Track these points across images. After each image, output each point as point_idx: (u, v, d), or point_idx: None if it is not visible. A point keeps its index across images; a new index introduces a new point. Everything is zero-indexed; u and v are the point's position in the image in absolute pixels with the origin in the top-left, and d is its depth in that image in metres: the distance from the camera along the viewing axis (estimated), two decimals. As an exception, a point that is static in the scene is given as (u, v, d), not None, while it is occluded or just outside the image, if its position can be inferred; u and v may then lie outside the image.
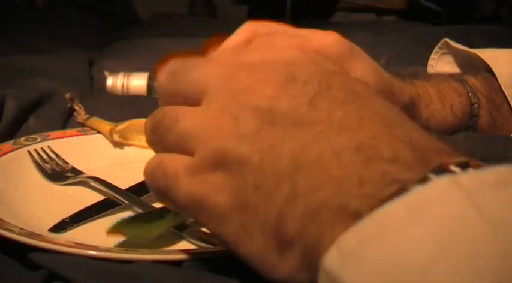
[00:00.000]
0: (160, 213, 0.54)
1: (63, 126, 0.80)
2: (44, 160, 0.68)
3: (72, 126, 0.79)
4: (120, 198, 0.60)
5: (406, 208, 0.31)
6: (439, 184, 0.32)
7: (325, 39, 0.48)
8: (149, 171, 0.44)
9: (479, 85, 0.78)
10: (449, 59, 0.88)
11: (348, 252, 0.31)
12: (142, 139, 0.74)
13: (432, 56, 0.88)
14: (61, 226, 0.55)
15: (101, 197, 0.62)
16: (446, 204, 0.30)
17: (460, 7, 1.39)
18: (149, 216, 0.55)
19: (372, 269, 0.30)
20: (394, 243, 0.30)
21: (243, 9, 1.92)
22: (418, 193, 0.32)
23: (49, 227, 0.55)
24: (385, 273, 0.30)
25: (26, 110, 0.80)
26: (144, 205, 0.59)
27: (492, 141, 0.74)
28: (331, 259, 0.32)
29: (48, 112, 0.81)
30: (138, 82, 0.91)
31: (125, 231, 0.51)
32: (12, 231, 0.51)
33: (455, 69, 0.87)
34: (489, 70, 0.79)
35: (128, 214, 0.59)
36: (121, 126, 0.73)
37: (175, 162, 0.41)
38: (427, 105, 0.72)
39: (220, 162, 0.39)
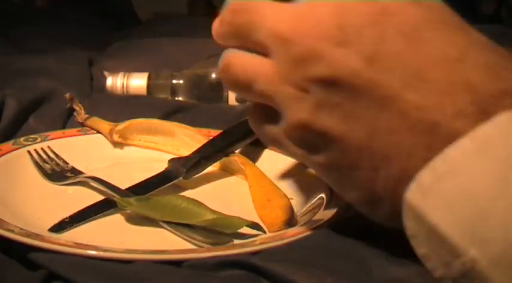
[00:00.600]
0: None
1: (63, 126, 0.80)
2: (44, 160, 0.68)
3: (72, 126, 0.79)
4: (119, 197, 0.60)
5: (473, 142, 0.36)
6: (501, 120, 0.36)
7: None
8: (225, 65, 0.47)
9: None
10: None
11: (426, 187, 0.37)
12: (142, 139, 0.74)
13: None
14: (61, 226, 0.56)
15: (100, 197, 0.62)
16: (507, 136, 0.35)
17: (460, 7, 1.39)
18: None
19: (447, 202, 0.36)
20: (464, 176, 0.35)
21: (243, 9, 1.91)
22: (482, 128, 0.36)
23: (49, 227, 0.55)
24: (459, 204, 0.35)
25: (26, 110, 0.79)
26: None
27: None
28: (412, 195, 0.38)
29: (48, 112, 0.81)
30: (138, 82, 0.91)
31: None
32: (12, 231, 0.51)
33: None
34: None
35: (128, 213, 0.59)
36: (121, 126, 0.73)
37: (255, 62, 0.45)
38: None
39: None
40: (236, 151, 0.71)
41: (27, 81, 0.88)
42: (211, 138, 0.71)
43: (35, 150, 0.69)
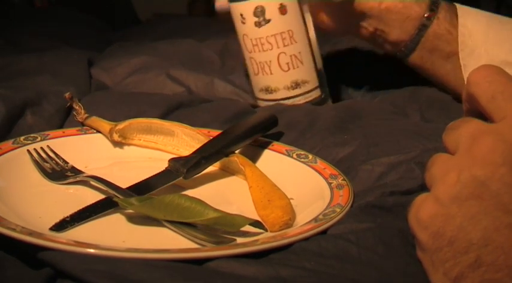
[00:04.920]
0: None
1: (61, 123, 0.80)
2: (44, 160, 0.68)
3: (71, 126, 0.79)
4: (120, 196, 0.60)
5: None
6: None
7: None
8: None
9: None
10: None
11: None
12: (142, 138, 0.74)
13: None
14: (62, 225, 0.55)
15: (101, 196, 0.62)
16: None
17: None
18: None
19: None
20: None
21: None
22: None
23: (50, 226, 0.55)
24: None
25: (24, 107, 0.79)
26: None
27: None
28: None
29: (46, 109, 0.81)
30: None
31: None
32: (14, 230, 0.51)
33: None
34: None
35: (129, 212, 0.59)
36: (121, 125, 0.73)
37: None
38: None
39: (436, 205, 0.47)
40: (236, 152, 0.71)
41: (27, 80, 0.88)
42: (211, 138, 0.71)
43: (35, 149, 0.69)
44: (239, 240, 0.55)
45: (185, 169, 0.65)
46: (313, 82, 0.88)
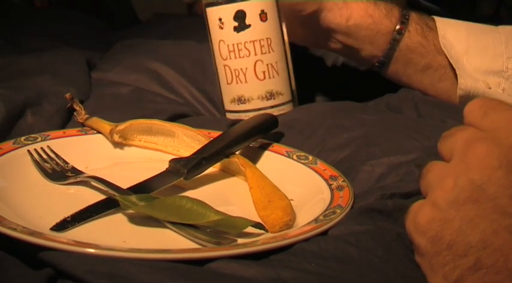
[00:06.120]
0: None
1: (62, 123, 0.80)
2: (44, 160, 0.68)
3: (72, 126, 0.79)
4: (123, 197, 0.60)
5: None
6: None
7: None
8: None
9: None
10: None
11: None
12: (142, 139, 0.74)
13: None
14: (62, 226, 0.56)
15: (101, 196, 0.62)
16: None
17: (460, 7, 1.39)
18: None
19: None
20: None
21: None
22: None
23: (51, 226, 0.55)
24: None
25: (24, 107, 0.79)
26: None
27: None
28: None
29: (47, 109, 0.81)
30: None
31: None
32: (15, 229, 0.51)
33: None
34: None
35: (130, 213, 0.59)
36: (121, 126, 0.73)
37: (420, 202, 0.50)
38: None
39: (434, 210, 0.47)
40: (236, 153, 0.71)
41: (27, 80, 0.88)
42: (211, 139, 0.71)
43: (35, 149, 0.69)
44: (240, 240, 0.55)
45: (186, 170, 0.65)
46: (287, 95, 0.86)
